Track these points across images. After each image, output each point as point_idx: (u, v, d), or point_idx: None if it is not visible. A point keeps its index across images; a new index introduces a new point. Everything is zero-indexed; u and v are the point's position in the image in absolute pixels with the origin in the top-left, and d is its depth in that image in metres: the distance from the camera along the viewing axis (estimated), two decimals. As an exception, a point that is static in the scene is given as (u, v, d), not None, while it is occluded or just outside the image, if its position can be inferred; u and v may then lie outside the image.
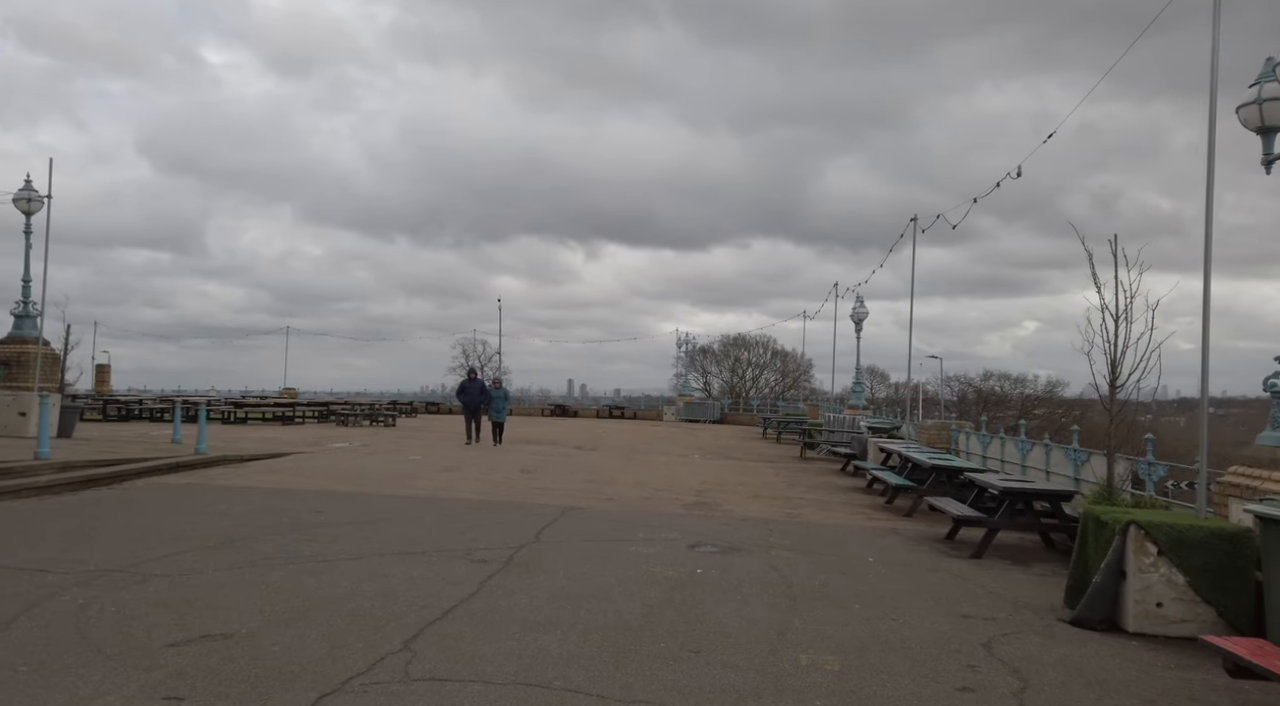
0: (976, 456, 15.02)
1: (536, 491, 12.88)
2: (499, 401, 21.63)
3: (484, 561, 7.71)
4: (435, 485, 13.14)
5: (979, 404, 64.72)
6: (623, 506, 11.86)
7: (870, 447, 17.35)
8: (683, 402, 46.02)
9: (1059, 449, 11.56)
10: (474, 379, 21.87)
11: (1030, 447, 12.47)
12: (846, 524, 11.29)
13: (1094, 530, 6.84)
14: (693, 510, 11.82)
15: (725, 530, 10.19)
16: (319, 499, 11.27)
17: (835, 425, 25.49)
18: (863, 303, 28.03)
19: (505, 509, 11.03)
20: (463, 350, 67.74)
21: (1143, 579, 6.28)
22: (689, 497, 13.11)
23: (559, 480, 14.59)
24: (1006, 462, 13.51)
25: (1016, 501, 9.22)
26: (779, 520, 11.30)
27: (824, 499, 13.86)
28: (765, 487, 15.09)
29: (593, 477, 15.22)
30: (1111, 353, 8.48)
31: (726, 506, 12.34)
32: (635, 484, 14.59)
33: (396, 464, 16.39)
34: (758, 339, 66.67)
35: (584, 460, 18.76)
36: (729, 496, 13.49)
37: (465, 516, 10.25)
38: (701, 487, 14.51)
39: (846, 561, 8.57)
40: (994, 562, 8.92)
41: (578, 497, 12.45)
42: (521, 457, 18.49)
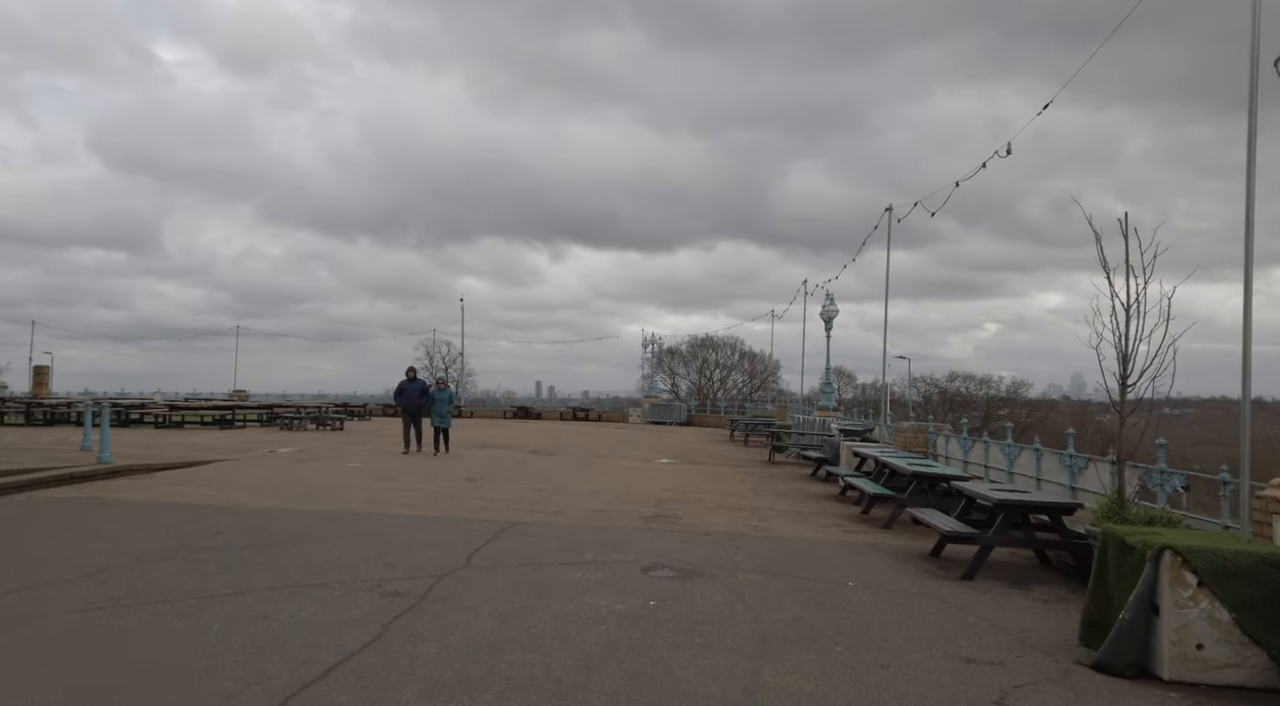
0: (957, 461, 14.04)
1: (479, 504, 11.62)
2: (442, 404, 19.40)
3: (396, 595, 6.47)
4: (365, 497, 11.82)
5: (944, 405, 64.56)
6: (573, 520, 10.66)
7: (843, 451, 16.32)
8: (649, 404, 44.89)
9: (1051, 454, 10.58)
10: (413, 379, 19.40)
11: (1018, 453, 11.49)
12: (821, 538, 10.19)
13: (1116, 555, 5.78)
14: (651, 524, 10.65)
15: (686, 548, 9.03)
16: (224, 516, 9.92)
17: (805, 427, 24.50)
18: (833, 300, 27.13)
19: (438, 525, 9.78)
20: (426, 352, 66.16)
21: (1180, 615, 5.22)
22: (648, 509, 11.94)
23: (506, 490, 13.34)
24: (991, 468, 12.53)
25: (1013, 515, 8.18)
26: (746, 535, 10.17)
27: (795, 508, 12.77)
28: (731, 496, 13.97)
29: (544, 486, 13.98)
30: (1123, 347, 7.46)
31: (688, 519, 11.19)
32: (590, 493, 13.39)
33: (329, 472, 15.02)
34: (725, 340, 65.98)
35: (538, 467, 17.51)
36: (692, 507, 12.34)
37: (389, 536, 8.98)
38: (662, 497, 13.35)
39: (823, 587, 7.46)
40: (989, 585, 7.86)
41: (524, 510, 11.22)
42: (470, 464, 17.18)
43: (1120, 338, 7.46)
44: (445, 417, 19.34)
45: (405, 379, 19.38)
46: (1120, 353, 7.46)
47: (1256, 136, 6.03)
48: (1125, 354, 7.44)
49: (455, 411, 42.14)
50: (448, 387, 20.18)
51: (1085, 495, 9.41)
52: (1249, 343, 5.73)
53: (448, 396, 19.73)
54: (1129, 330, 7.43)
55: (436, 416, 19.25)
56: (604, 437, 29.05)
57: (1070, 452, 9.83)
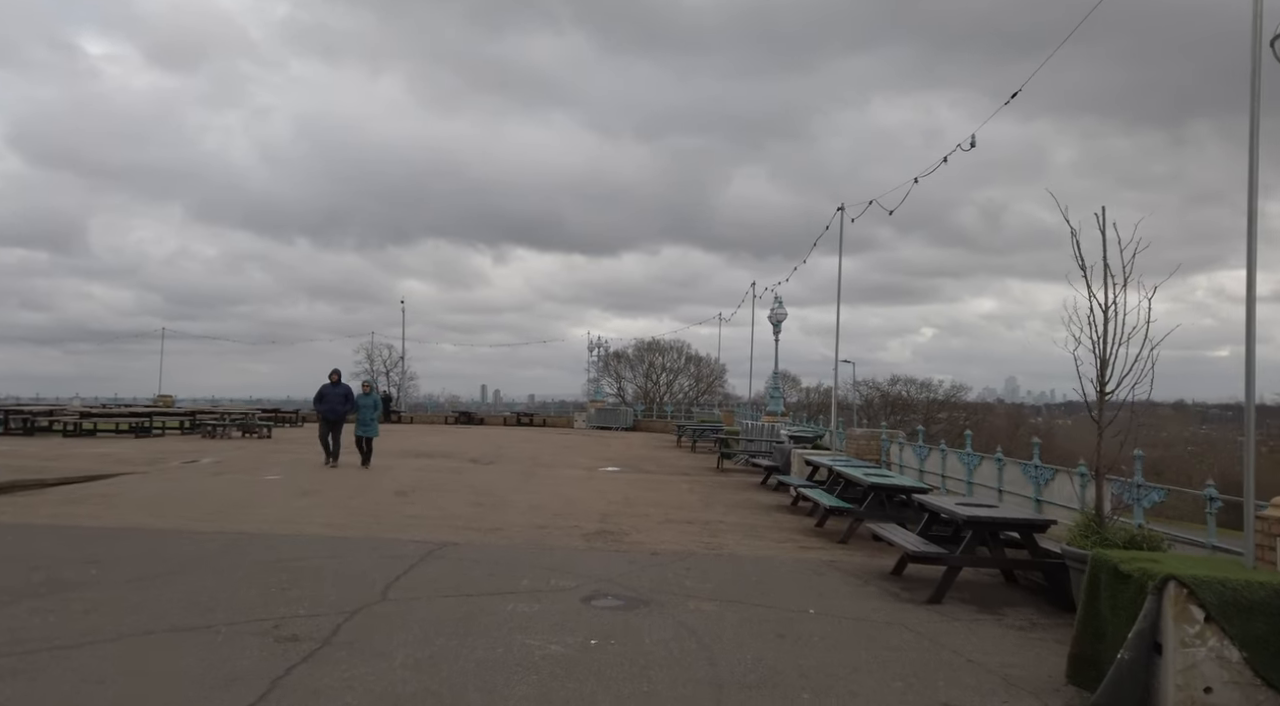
0: (912, 470, 13.56)
1: (406, 522, 10.68)
2: (367, 411, 17.46)
3: (294, 639, 5.56)
4: (278, 516, 10.78)
5: (886, 408, 65.06)
6: (510, 539, 9.80)
7: (794, 460, 15.75)
8: (594, 409, 44.01)
9: (1015, 465, 10.09)
10: (336, 383, 17.41)
11: (978, 462, 10.99)
12: (776, 556, 9.52)
13: (1110, 584, 5.19)
14: (594, 542, 9.86)
15: (632, 571, 8.27)
16: (111, 541, 8.83)
17: (753, 433, 23.96)
18: (781, 303, 26.70)
19: (357, 549, 8.84)
20: (366, 354, 63.97)
21: (1186, 655, 4.64)
22: (592, 524, 11.14)
23: (439, 505, 12.40)
24: (948, 478, 12.04)
25: (982, 533, 7.60)
26: (697, 553, 9.45)
27: (747, 521, 12.10)
28: (680, 508, 13.25)
29: (481, 500, 13.08)
30: (1100, 350, 6.93)
31: (635, 536, 10.43)
32: (531, 507, 12.53)
33: (244, 487, 13.86)
34: (672, 344, 65.44)
35: (476, 477, 16.56)
36: (639, 521, 11.59)
37: (298, 562, 8.02)
38: (608, 510, 12.56)
39: (783, 616, 6.76)
40: (957, 609, 7.26)
41: (457, 528, 10.32)
42: (401, 476, 16.15)
43: (1098, 341, 6.94)
44: (371, 426, 17.54)
45: (327, 382, 17.42)
46: (1098, 357, 6.93)
47: (1259, 134, 5.51)
48: (1104, 358, 6.92)
49: (396, 417, 40.06)
50: (374, 392, 18.44)
51: (1052, 509, 8.92)
52: (1252, 357, 5.19)
53: (373, 402, 17.89)
54: (1107, 333, 6.91)
55: (360, 424, 17.46)
56: (548, 444, 28.14)
57: (1036, 463, 9.34)
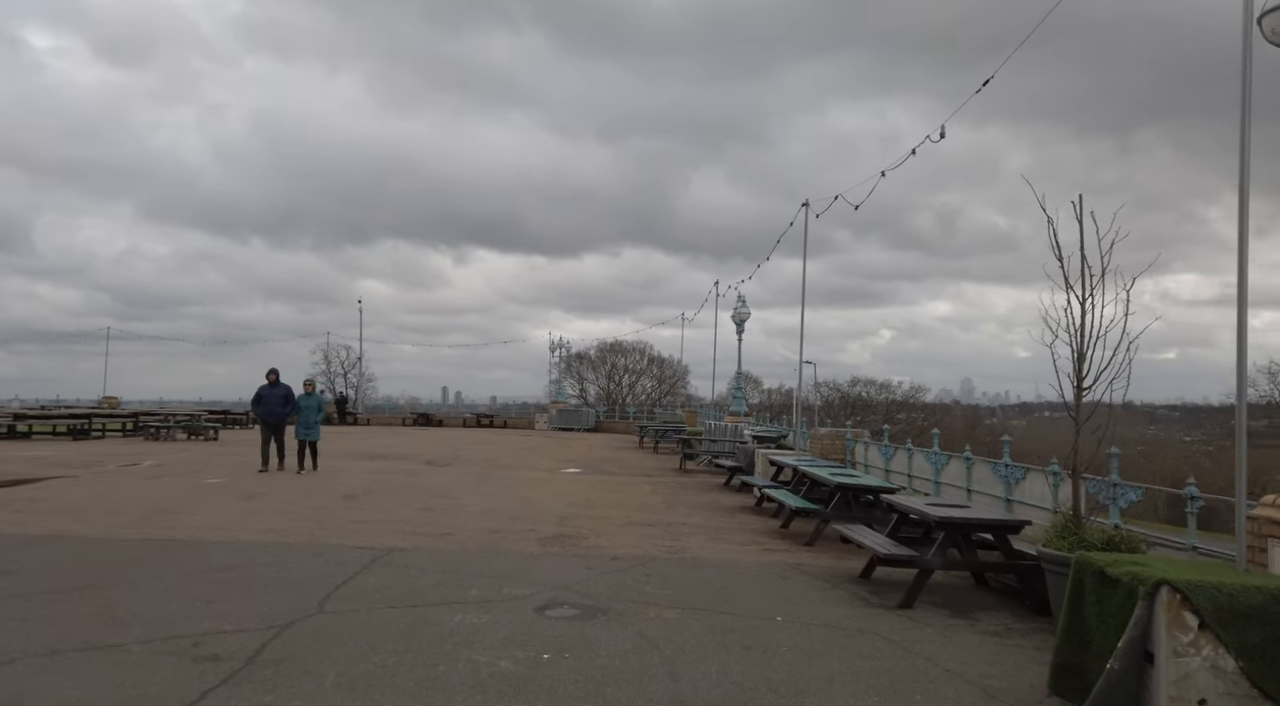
0: (878, 470, 13.31)
1: (352, 527, 10.12)
2: (309, 413, 16.18)
3: (214, 658, 5.04)
4: (214, 522, 10.16)
5: (846, 409, 65.47)
6: (462, 544, 9.31)
7: (758, 460, 15.44)
8: (556, 410, 43.47)
9: (984, 463, 9.85)
10: (275, 383, 16.12)
11: (946, 461, 10.75)
12: (740, 559, 9.16)
13: (1096, 589, 4.89)
14: (551, 547, 9.41)
15: (590, 577, 7.84)
16: (29, 549, 8.18)
17: (716, 433, 23.66)
18: (744, 303, 26.43)
19: (297, 556, 8.28)
20: (324, 355, 62.58)
21: (1180, 665, 4.34)
22: (549, 528, 10.69)
23: (389, 508, 11.84)
24: (915, 477, 11.80)
25: (954, 535, 7.31)
26: (658, 557, 9.05)
27: (710, 523, 11.74)
28: (642, 510, 12.85)
29: (434, 504, 12.54)
30: (1078, 344, 6.68)
31: (594, 539, 10.00)
32: (485, 511, 12.03)
33: (182, 491, 13.15)
34: (634, 345, 65.13)
35: (430, 480, 15.98)
36: (599, 524, 11.15)
37: (229, 572, 7.46)
38: (566, 513, 12.11)
39: (749, 625, 6.39)
40: (929, 614, 6.96)
41: (405, 534, 9.80)
42: (351, 479, 15.51)
43: (1075, 336, 6.68)
44: (314, 428, 16.27)
45: (265, 383, 16.11)
46: (1076, 352, 6.67)
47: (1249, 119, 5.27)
48: (1081, 353, 6.66)
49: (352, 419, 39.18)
50: (315, 392, 17.05)
51: (1024, 509, 8.67)
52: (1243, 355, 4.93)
53: (316, 403, 16.57)
54: (1085, 327, 6.65)
55: (302, 427, 16.17)
56: (507, 446, 27.57)
57: (1006, 462, 9.10)
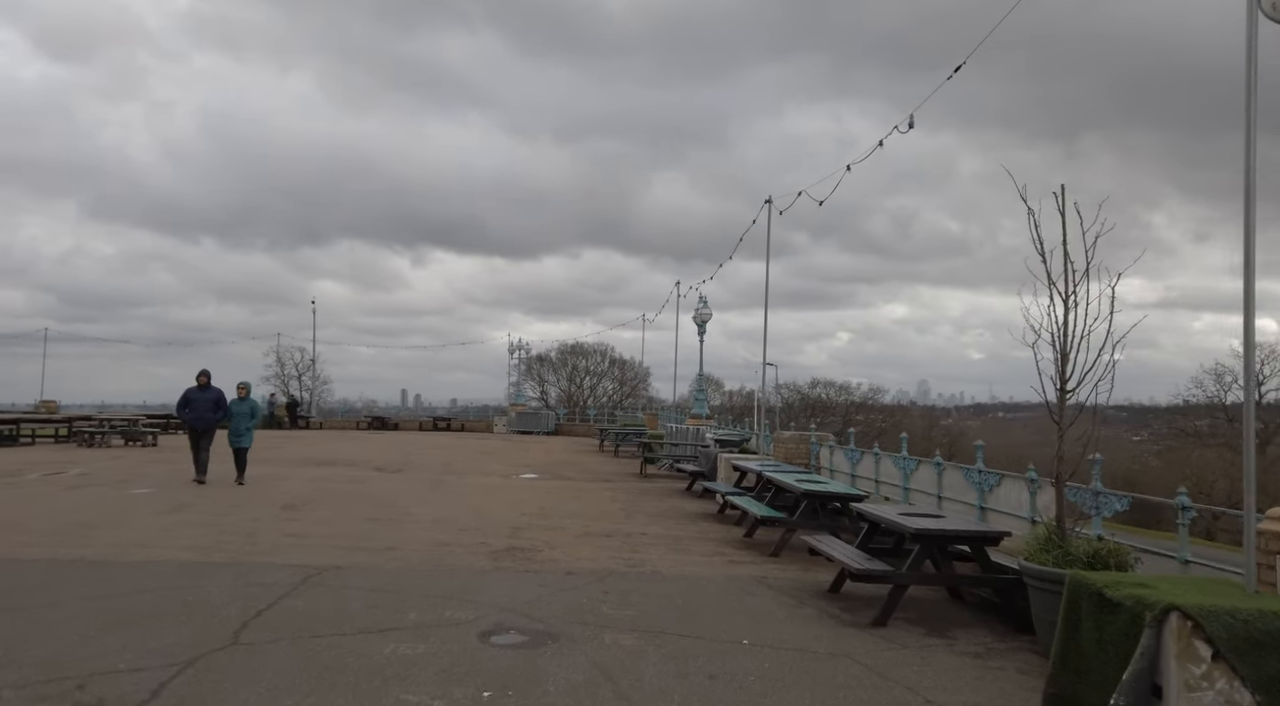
0: (843, 475, 12.90)
1: (285, 542, 9.40)
2: (241, 419, 14.88)
3: (97, 705, 4.38)
4: (134, 538, 9.36)
5: (806, 411, 65.61)
6: (404, 560, 8.66)
7: (721, 464, 14.97)
8: (515, 413, 42.68)
9: (956, 469, 9.45)
10: (205, 387, 14.71)
11: (915, 467, 10.35)
12: (703, 573, 8.64)
13: (1094, 613, 4.44)
14: (502, 561, 8.81)
15: (542, 596, 7.25)
16: (-88, 574, 7.35)
17: (678, 437, 23.18)
18: (706, 303, 25.99)
19: (219, 577, 7.57)
20: (277, 358, 60.91)
21: (1191, 700, 3.91)
22: (501, 540, 10.07)
23: (329, 521, 11.11)
24: (883, 484, 11.39)
25: (930, 547, 6.86)
26: (617, 572, 8.49)
27: (671, 532, 11.21)
28: (601, 518, 12.28)
29: (379, 514, 11.84)
30: (1061, 343, 6.27)
31: (549, 552, 9.41)
32: (434, 521, 11.36)
33: (104, 503, 12.26)
34: (595, 347, 64.50)
35: (378, 488, 15.24)
36: (555, 535, 10.56)
37: (138, 597, 6.74)
38: (520, 523, 11.49)
39: (714, 650, 5.86)
40: (904, 634, 6.50)
41: (344, 549, 9.12)
42: (293, 487, 14.70)
43: (1058, 334, 6.27)
44: (246, 435, 14.95)
45: (194, 386, 14.68)
46: (1058, 352, 6.26)
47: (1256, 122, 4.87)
48: (1064, 353, 6.25)
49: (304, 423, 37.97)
50: (250, 397, 15.50)
51: (999, 518, 8.28)
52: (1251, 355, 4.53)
53: (249, 408, 15.22)
54: (1069, 324, 6.25)
55: (233, 434, 14.90)
56: (463, 450, 26.79)
57: (980, 468, 8.70)
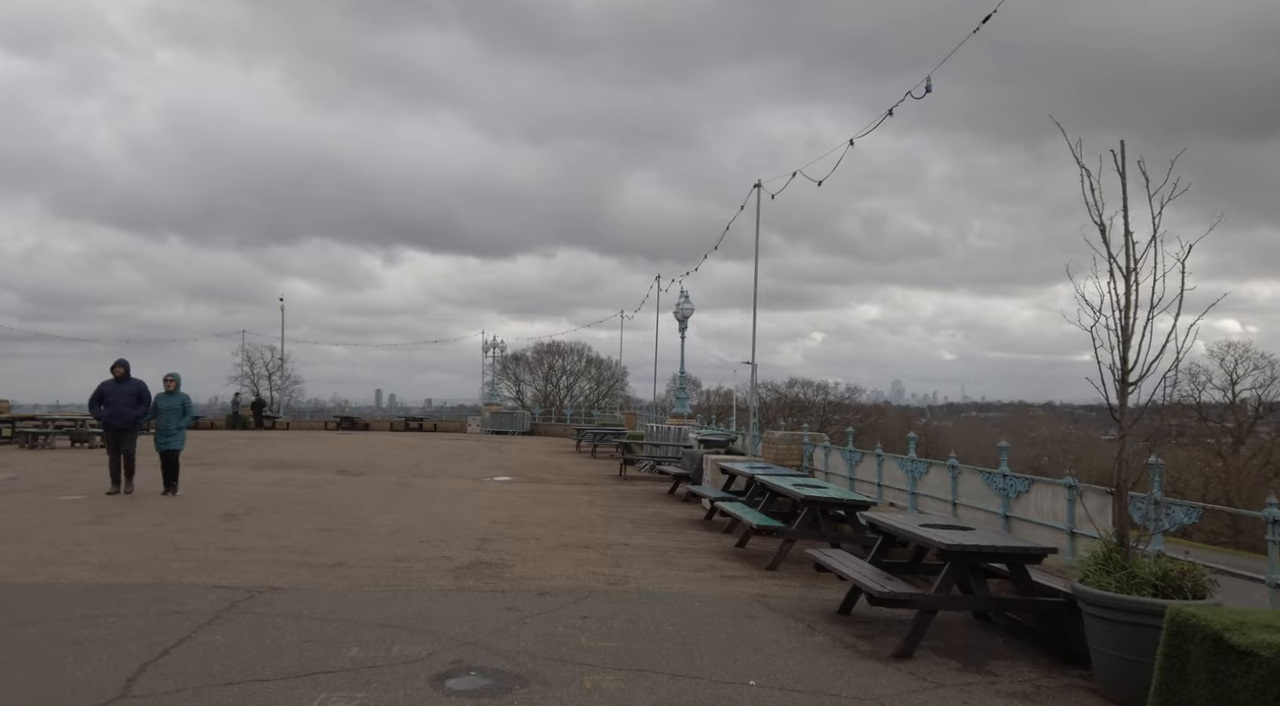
0: (840, 478, 11.96)
1: (219, 558, 8.27)
2: (170, 417, 12.52)
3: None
4: (40, 554, 8.17)
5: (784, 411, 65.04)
6: (353, 580, 7.57)
7: (708, 466, 13.98)
8: (489, 413, 41.46)
9: (974, 473, 8.51)
10: (123, 378, 12.32)
11: (925, 470, 9.42)
12: (694, 591, 7.63)
13: (1210, 664, 3.48)
14: (467, 579, 7.75)
15: (510, 624, 6.21)
16: None
17: (659, 437, 22.17)
18: (687, 298, 25.05)
19: (128, 603, 6.44)
20: (246, 356, 59.20)
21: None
22: (467, 553, 9.00)
23: (276, 531, 9.97)
24: (887, 488, 10.46)
25: (962, 565, 5.90)
26: (597, 591, 7.47)
27: (656, 542, 10.20)
28: (579, 526, 11.24)
29: (333, 524, 10.71)
30: (1123, 323, 5.32)
31: (521, 568, 8.36)
32: (394, 532, 10.27)
33: (22, 512, 10.95)
34: (572, 346, 63.44)
35: (336, 494, 14.08)
36: (527, 547, 9.51)
37: (16, 631, 5.59)
38: (490, 533, 10.43)
39: (715, 694, 4.85)
40: (935, 668, 5.53)
41: (286, 565, 8.01)
42: (242, 492, 13.50)
43: (1119, 315, 5.33)
44: (175, 436, 12.54)
45: (110, 378, 12.36)
46: (1121, 337, 5.31)
47: None
48: (1126, 338, 5.31)
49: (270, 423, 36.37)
50: (179, 390, 12.89)
51: (1027, 529, 7.35)
52: None
53: (180, 404, 12.70)
54: (1130, 306, 5.30)
55: (160, 435, 12.54)
56: (434, 451, 25.61)
57: (1004, 472, 7.76)
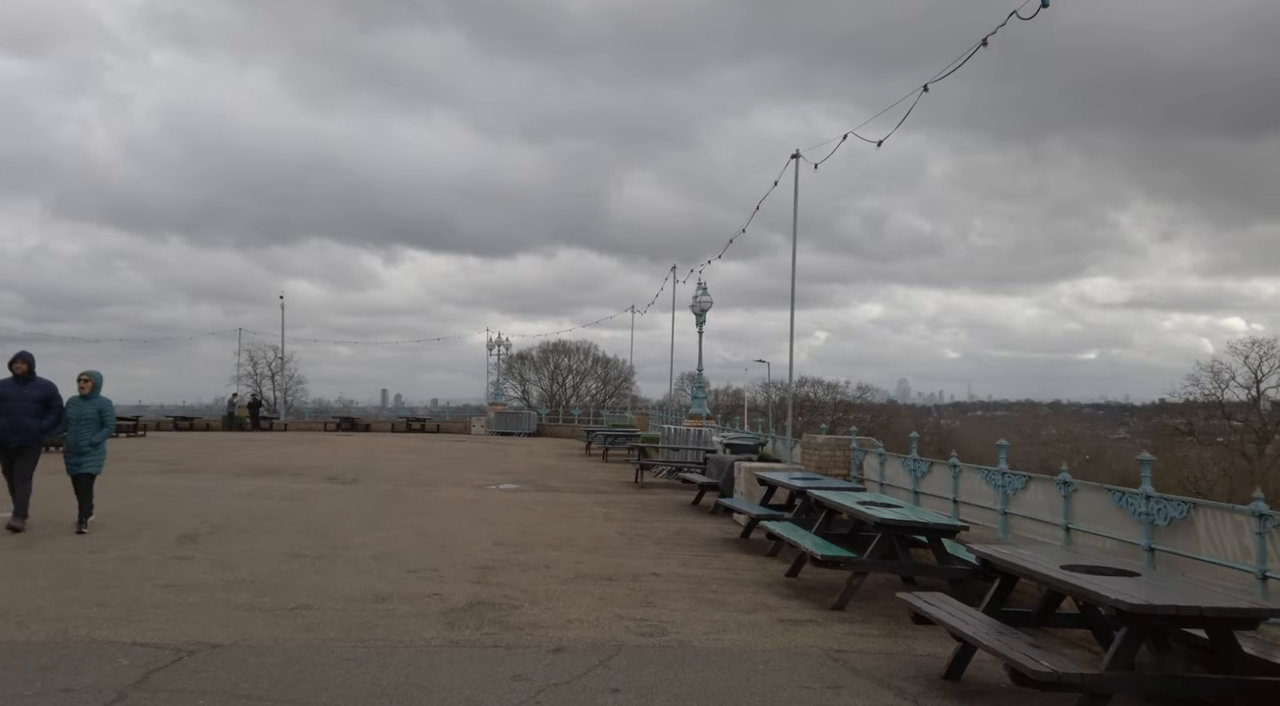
0: (897, 490, 10.30)
1: (154, 598, 6.61)
2: (83, 429, 9.52)
3: None
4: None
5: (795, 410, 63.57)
6: (317, 630, 5.92)
7: (741, 476, 12.32)
8: (494, 413, 39.87)
9: (1093, 491, 6.83)
10: (25, 377, 9.45)
11: (1023, 485, 7.74)
12: (754, 646, 5.97)
13: None
14: (461, 628, 6.10)
15: (518, 701, 4.57)
16: None
17: (676, 439, 20.49)
18: (705, 290, 23.35)
19: (7, 677, 4.81)
20: (249, 356, 57.79)
21: None
22: (464, 587, 7.36)
23: (235, 559, 8.32)
24: (965, 504, 8.78)
25: (1145, 631, 4.23)
26: (629, 646, 5.82)
27: (692, 571, 8.53)
28: (597, 548, 9.60)
29: (307, 547, 9.06)
30: None
31: (529, 609, 6.71)
32: (378, 557, 8.62)
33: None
34: (578, 345, 61.93)
35: (320, 506, 12.44)
36: (537, 578, 7.87)
37: None
38: (492, 559, 8.78)
39: None
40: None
41: (236, 610, 6.37)
42: (209, 506, 11.84)
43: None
44: (88, 455, 9.56)
45: (7, 378, 9.52)
46: None
47: None
48: None
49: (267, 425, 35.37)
50: (96, 392, 9.77)
51: (1192, 568, 5.67)
52: None
53: (95, 412, 9.61)
54: None
55: (71, 453, 9.56)
56: (435, 454, 24.00)
57: (1148, 493, 6.07)
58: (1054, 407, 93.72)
